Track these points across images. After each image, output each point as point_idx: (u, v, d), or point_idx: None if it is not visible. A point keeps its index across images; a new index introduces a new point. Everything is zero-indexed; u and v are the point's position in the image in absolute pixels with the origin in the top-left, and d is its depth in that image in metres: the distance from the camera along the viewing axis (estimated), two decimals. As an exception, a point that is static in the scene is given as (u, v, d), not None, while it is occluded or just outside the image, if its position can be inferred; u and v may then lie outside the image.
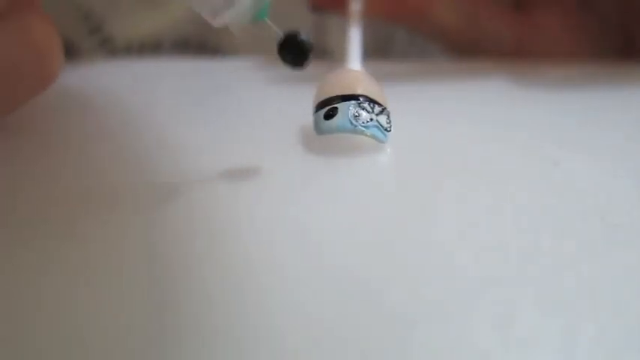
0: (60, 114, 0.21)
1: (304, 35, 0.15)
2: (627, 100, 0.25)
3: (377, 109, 0.17)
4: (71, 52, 0.33)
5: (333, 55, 0.33)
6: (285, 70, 0.16)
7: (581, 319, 0.10)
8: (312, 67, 0.15)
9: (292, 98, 0.24)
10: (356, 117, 0.16)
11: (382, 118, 0.17)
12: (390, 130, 0.17)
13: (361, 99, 0.17)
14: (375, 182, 0.16)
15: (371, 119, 0.16)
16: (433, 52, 0.33)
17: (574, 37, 0.31)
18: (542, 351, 0.10)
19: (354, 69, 0.19)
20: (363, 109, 0.17)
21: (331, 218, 0.14)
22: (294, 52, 0.15)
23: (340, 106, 0.17)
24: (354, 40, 0.22)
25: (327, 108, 0.17)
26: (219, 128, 0.20)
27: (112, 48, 0.32)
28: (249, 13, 0.15)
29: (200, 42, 0.34)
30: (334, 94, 0.17)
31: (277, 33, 0.15)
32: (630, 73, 0.29)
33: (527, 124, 0.21)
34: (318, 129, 0.17)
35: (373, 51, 0.28)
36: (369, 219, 0.14)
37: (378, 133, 0.16)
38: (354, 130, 0.16)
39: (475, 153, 0.18)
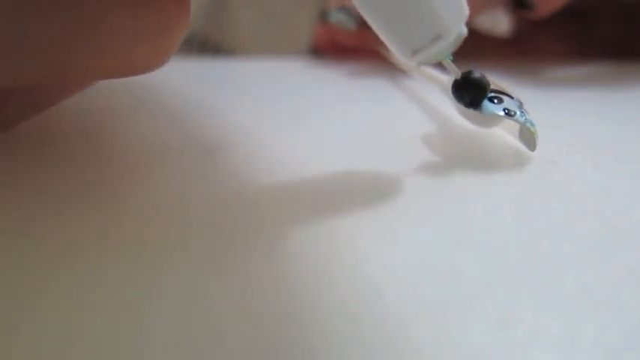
0: (60, 111, 0.21)
1: (478, 73, 0.15)
2: (627, 99, 0.25)
3: (529, 116, 0.16)
4: None
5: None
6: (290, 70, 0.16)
7: (581, 319, 0.10)
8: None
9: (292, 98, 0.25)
10: (524, 112, 0.16)
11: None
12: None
13: (522, 105, 0.16)
14: (373, 181, 0.16)
15: (532, 123, 0.16)
16: None
17: (570, 56, 0.32)
18: (542, 351, 0.10)
19: None
20: (526, 111, 0.16)
21: (331, 217, 0.14)
22: (473, 90, 0.15)
23: (505, 98, 0.16)
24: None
25: (490, 94, 0.16)
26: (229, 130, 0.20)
27: None
28: (448, 50, 0.14)
29: (203, 39, 0.34)
30: (491, 87, 0.16)
31: (456, 72, 0.15)
32: (631, 72, 0.29)
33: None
34: (484, 108, 0.16)
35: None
36: (369, 218, 0.14)
37: (537, 139, 0.16)
38: (524, 123, 0.16)
39: (475, 153, 0.18)
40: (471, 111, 0.16)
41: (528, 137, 0.16)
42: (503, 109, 0.16)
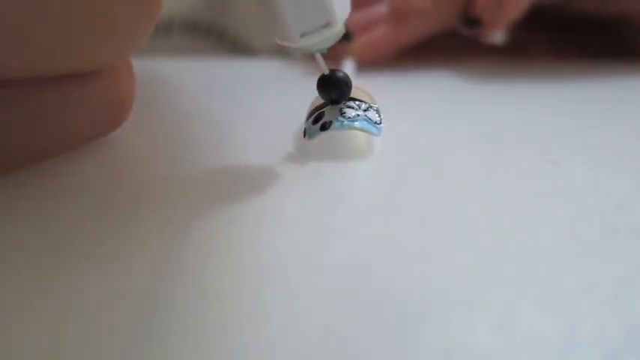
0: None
1: (342, 72, 0.17)
2: (627, 99, 0.25)
3: (364, 105, 0.17)
4: None
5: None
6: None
7: (581, 319, 0.10)
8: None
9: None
10: (343, 114, 0.16)
11: (370, 113, 0.17)
12: (380, 123, 0.17)
13: (347, 101, 0.17)
14: (374, 182, 0.16)
15: (358, 115, 0.17)
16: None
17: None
18: (542, 351, 0.10)
19: None
20: (349, 107, 0.17)
21: (332, 219, 0.14)
22: (339, 87, 0.16)
23: (327, 109, 0.17)
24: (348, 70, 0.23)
25: (315, 114, 0.17)
26: (221, 129, 0.20)
27: None
28: (329, 41, 0.16)
29: (209, 24, 0.34)
30: (320, 103, 0.17)
31: (325, 69, 0.16)
32: (631, 72, 0.29)
33: (527, 124, 0.21)
34: (309, 135, 0.17)
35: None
36: (369, 220, 0.14)
37: (368, 126, 0.16)
38: (342, 126, 0.16)
39: (475, 153, 0.18)
40: (306, 139, 0.17)
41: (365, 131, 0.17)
42: (321, 127, 0.16)
